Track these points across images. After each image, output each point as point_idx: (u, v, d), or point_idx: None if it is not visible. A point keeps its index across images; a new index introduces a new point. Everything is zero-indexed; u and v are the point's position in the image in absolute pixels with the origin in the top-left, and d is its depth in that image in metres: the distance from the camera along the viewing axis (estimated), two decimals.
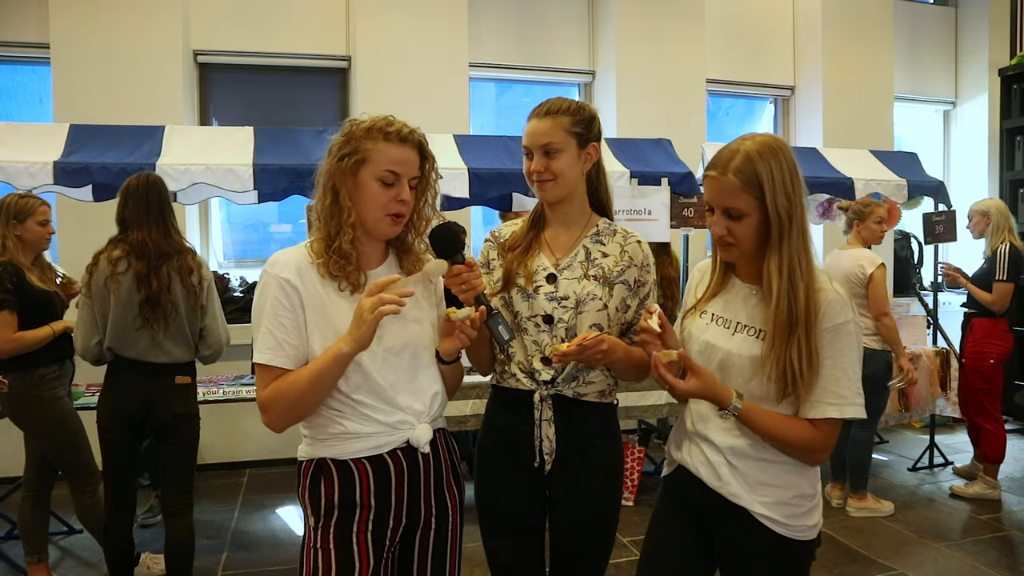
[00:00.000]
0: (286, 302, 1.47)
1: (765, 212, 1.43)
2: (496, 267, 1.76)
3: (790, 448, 1.46)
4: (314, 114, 5.45)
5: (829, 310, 1.42)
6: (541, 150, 1.68)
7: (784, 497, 1.48)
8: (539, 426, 1.68)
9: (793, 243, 1.43)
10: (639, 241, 1.77)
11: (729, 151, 1.46)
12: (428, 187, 1.60)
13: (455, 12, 5.33)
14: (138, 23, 4.74)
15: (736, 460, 1.50)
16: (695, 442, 1.57)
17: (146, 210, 2.69)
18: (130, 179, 2.77)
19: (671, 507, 1.67)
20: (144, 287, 2.62)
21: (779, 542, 1.48)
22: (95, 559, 3.40)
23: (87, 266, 2.68)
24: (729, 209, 1.45)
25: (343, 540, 1.47)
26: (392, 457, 1.51)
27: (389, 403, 1.51)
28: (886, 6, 6.43)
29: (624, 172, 4.31)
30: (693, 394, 1.43)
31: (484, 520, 1.80)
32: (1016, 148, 6.12)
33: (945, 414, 4.96)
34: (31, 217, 2.95)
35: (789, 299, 1.41)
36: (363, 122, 1.53)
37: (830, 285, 1.46)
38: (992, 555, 3.45)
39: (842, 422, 1.46)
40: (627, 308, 1.73)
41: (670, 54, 5.83)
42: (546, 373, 1.68)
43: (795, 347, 1.40)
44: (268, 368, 1.46)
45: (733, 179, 1.42)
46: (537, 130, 1.68)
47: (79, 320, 2.70)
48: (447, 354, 1.59)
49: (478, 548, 1.84)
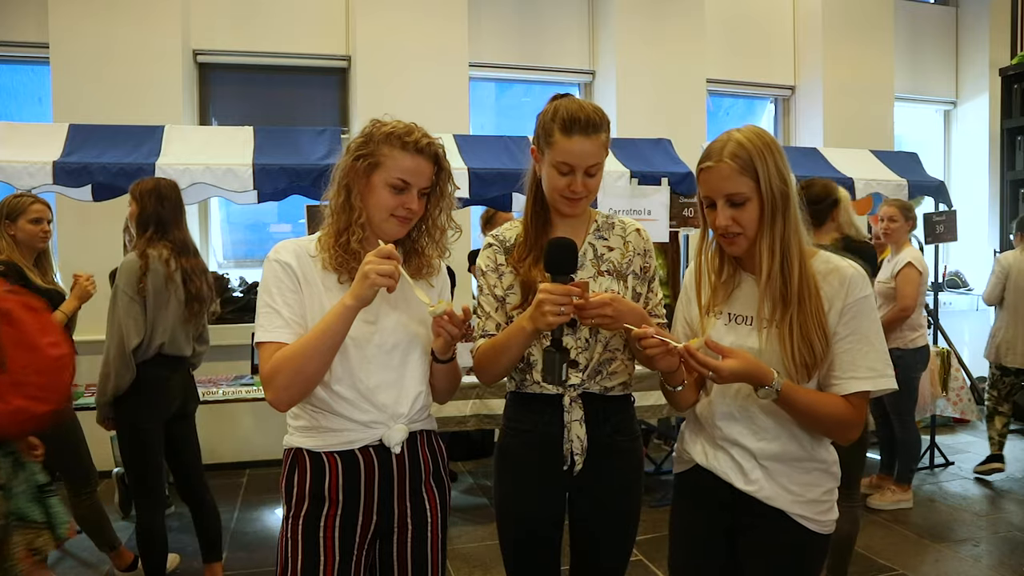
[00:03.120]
0: (290, 283, 1.50)
1: (760, 194, 1.45)
2: (505, 272, 1.73)
3: (828, 424, 1.48)
4: (314, 114, 5.45)
5: (853, 286, 1.45)
6: (587, 170, 1.64)
7: (815, 495, 1.52)
8: (568, 428, 1.67)
9: (788, 224, 1.45)
10: (638, 230, 1.78)
11: (719, 142, 1.48)
12: (443, 197, 1.60)
13: (455, 12, 5.33)
14: (138, 23, 4.74)
15: (768, 463, 1.52)
16: (722, 448, 1.57)
17: (180, 212, 2.84)
18: (157, 181, 2.86)
19: (693, 505, 1.68)
20: (192, 284, 2.80)
21: (809, 537, 1.52)
22: (95, 559, 3.40)
23: (137, 265, 2.66)
24: (731, 196, 1.46)
25: (310, 533, 1.49)
26: (363, 454, 1.52)
27: (368, 401, 1.51)
28: (886, 6, 6.43)
29: (624, 172, 4.31)
30: (737, 374, 1.40)
31: (505, 522, 1.77)
32: (1016, 148, 6.12)
33: (946, 414, 4.96)
34: (22, 216, 2.95)
35: (784, 278, 1.44)
36: (385, 125, 1.53)
37: (845, 262, 1.49)
38: (993, 556, 3.45)
39: (869, 403, 1.49)
40: (639, 296, 1.74)
41: (670, 54, 5.83)
42: (574, 376, 1.66)
43: (792, 325, 1.42)
44: (274, 344, 1.46)
45: (730, 163, 1.44)
46: (587, 151, 1.61)
47: (127, 318, 2.65)
48: (440, 352, 1.58)
49: (478, 548, 1.84)
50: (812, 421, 1.48)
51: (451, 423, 3.54)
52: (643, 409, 3.77)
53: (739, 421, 1.54)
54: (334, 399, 1.50)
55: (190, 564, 3.36)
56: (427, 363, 1.62)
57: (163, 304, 2.71)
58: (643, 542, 3.46)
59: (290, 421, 1.57)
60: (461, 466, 4.77)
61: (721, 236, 1.51)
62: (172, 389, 2.82)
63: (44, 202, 3.06)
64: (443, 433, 1.82)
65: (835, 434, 1.51)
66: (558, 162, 1.63)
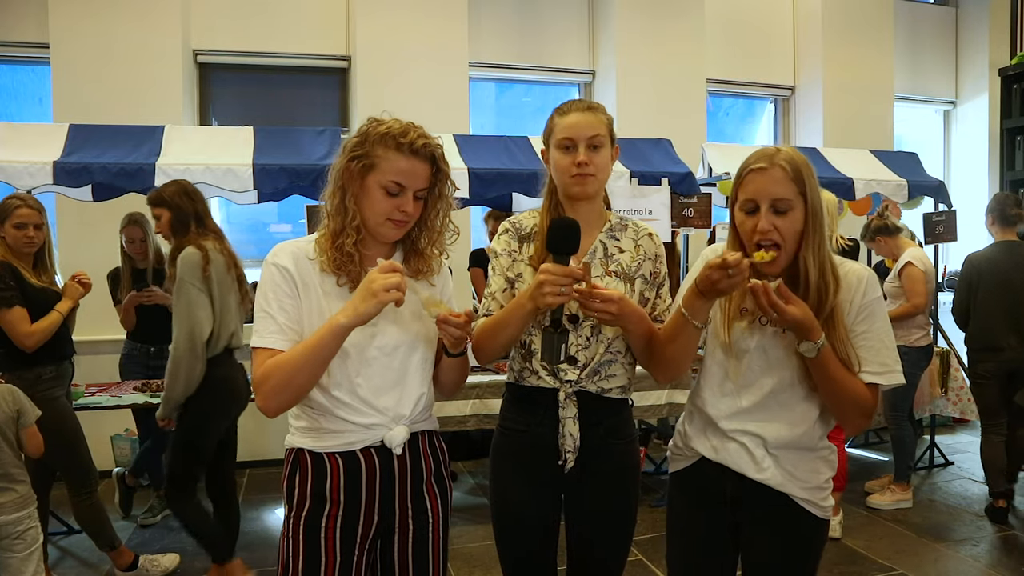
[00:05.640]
0: (287, 288, 1.48)
1: (805, 206, 1.48)
2: (518, 259, 1.73)
3: (848, 400, 1.50)
4: (314, 114, 5.45)
5: (869, 286, 1.52)
6: (588, 142, 1.65)
7: (818, 482, 1.59)
8: (563, 424, 1.67)
9: (823, 237, 1.51)
10: (650, 234, 1.79)
11: (770, 149, 1.53)
12: (440, 199, 1.58)
13: (455, 12, 5.33)
14: (138, 23, 4.74)
15: (778, 451, 1.56)
16: (731, 437, 1.60)
17: (207, 205, 2.95)
18: (176, 183, 2.94)
19: (693, 504, 1.69)
20: (236, 269, 2.92)
21: (814, 523, 1.59)
22: (95, 559, 3.40)
23: (199, 257, 2.72)
24: (778, 201, 1.48)
25: (311, 533, 1.49)
26: (365, 455, 1.51)
27: (369, 404, 1.50)
28: (886, 6, 6.43)
29: (624, 172, 4.31)
30: (796, 320, 1.43)
31: (500, 523, 1.78)
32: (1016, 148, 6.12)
33: (945, 414, 4.96)
34: (8, 220, 2.87)
35: (824, 290, 1.49)
36: (381, 125, 1.50)
37: (859, 265, 1.56)
38: (993, 555, 3.45)
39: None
40: (646, 301, 1.74)
41: (670, 54, 5.83)
42: (571, 372, 1.67)
43: (834, 332, 1.48)
44: (268, 351, 1.45)
45: (784, 166, 1.47)
46: (584, 122, 1.65)
47: (197, 309, 2.70)
48: (451, 347, 1.56)
49: (479, 548, 1.84)
50: (837, 391, 1.50)
51: (451, 423, 3.54)
52: (643, 409, 3.77)
53: (756, 413, 1.57)
54: (334, 403, 1.49)
55: (190, 564, 3.36)
56: (430, 363, 1.61)
57: (227, 291, 2.83)
58: (642, 542, 3.46)
59: (292, 421, 1.57)
60: (462, 466, 4.78)
61: (760, 238, 1.49)
62: (242, 388, 2.95)
63: (34, 206, 2.93)
64: (443, 433, 1.81)
65: (849, 414, 1.53)
66: (560, 139, 1.67)
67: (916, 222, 5.13)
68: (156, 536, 3.73)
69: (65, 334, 3.04)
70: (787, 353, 1.54)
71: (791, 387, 1.55)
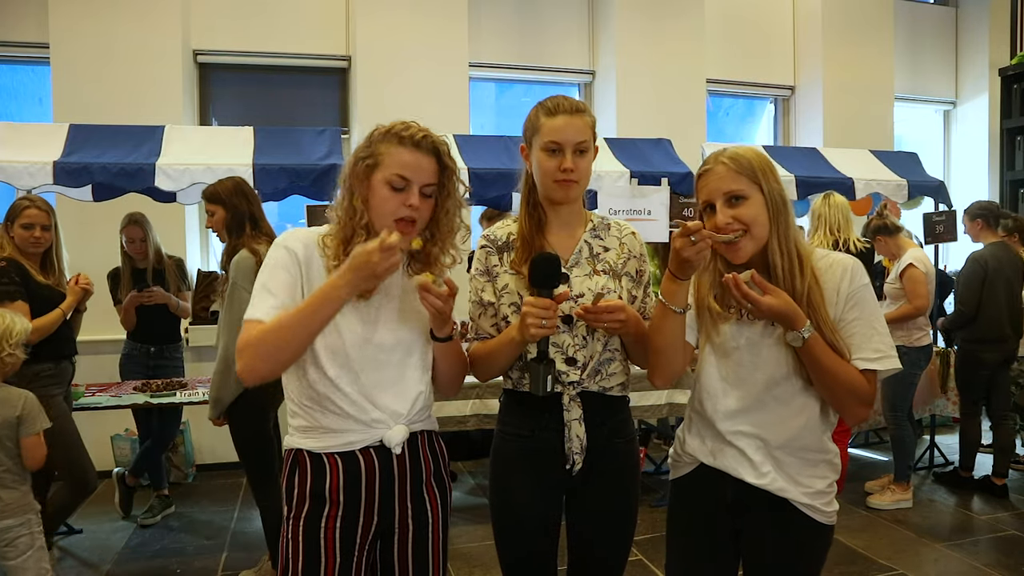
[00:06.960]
0: (292, 269, 1.48)
1: (763, 195, 1.50)
2: (500, 273, 1.73)
3: (844, 389, 1.49)
4: (314, 114, 5.45)
5: (855, 273, 1.52)
6: (575, 147, 1.64)
7: (821, 486, 1.56)
8: (568, 426, 1.66)
9: (790, 224, 1.52)
10: (633, 233, 1.80)
11: (714, 153, 1.56)
12: (448, 196, 1.57)
13: (455, 12, 5.33)
14: (138, 23, 4.75)
15: (779, 454, 1.55)
16: (731, 442, 1.58)
17: (261, 205, 2.98)
18: (233, 180, 2.96)
19: (693, 511, 1.68)
20: None
21: (817, 529, 1.56)
22: (95, 559, 3.41)
23: (253, 261, 2.68)
24: (731, 193, 1.50)
25: (311, 534, 1.48)
26: (364, 455, 1.51)
27: (368, 401, 1.50)
28: (886, 6, 6.43)
29: (624, 172, 4.31)
30: (775, 310, 1.44)
31: (501, 523, 1.77)
32: (1016, 148, 6.13)
33: (945, 414, 4.96)
34: (17, 220, 2.96)
35: (793, 278, 1.50)
36: (385, 125, 1.52)
37: (843, 255, 1.57)
38: (992, 555, 3.45)
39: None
40: (634, 299, 1.74)
41: (670, 54, 5.84)
42: (572, 374, 1.66)
43: (820, 320, 1.48)
44: (259, 323, 1.43)
45: (727, 163, 1.51)
46: (573, 126, 1.63)
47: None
48: (436, 329, 1.57)
49: (479, 548, 1.84)
50: (830, 381, 1.49)
51: (451, 423, 3.54)
52: (643, 409, 3.77)
53: (752, 412, 1.56)
54: (333, 400, 1.49)
55: (190, 564, 3.37)
56: (428, 361, 1.61)
57: None
58: (642, 542, 3.46)
59: (290, 421, 1.57)
60: (461, 466, 4.78)
61: (722, 230, 1.51)
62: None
63: (42, 208, 3.00)
64: (443, 433, 1.81)
65: (846, 402, 1.51)
66: (546, 142, 1.65)
67: (916, 222, 5.14)
68: (156, 536, 3.73)
69: (67, 334, 3.04)
70: (778, 347, 1.53)
71: (786, 380, 1.54)
